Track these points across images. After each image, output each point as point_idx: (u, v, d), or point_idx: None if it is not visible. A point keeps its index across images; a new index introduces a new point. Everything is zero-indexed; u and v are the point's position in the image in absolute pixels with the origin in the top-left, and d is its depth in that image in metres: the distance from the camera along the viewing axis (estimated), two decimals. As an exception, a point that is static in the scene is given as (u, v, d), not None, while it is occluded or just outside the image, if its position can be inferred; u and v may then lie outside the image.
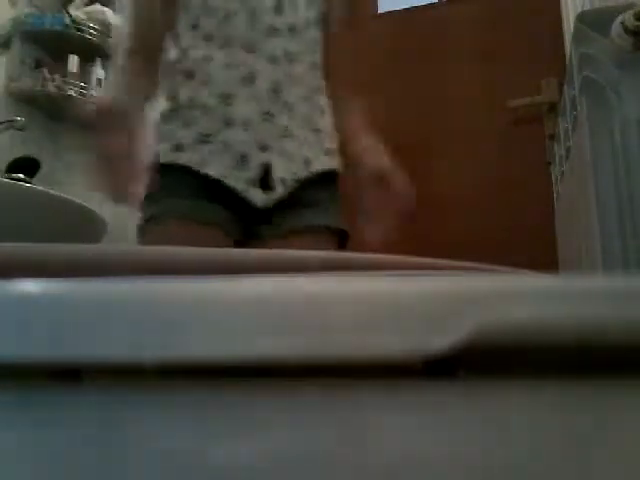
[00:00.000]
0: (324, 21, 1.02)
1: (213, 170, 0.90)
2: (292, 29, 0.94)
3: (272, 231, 0.93)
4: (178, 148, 0.93)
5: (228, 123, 0.91)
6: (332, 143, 1.00)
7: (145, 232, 0.92)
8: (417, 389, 0.17)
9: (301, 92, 0.95)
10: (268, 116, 0.92)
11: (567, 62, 1.13)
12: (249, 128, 0.91)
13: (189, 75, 0.94)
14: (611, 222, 0.88)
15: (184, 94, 0.95)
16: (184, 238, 0.86)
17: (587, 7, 1.30)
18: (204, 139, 0.91)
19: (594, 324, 0.17)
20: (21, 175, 1.67)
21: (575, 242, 1.11)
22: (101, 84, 2.15)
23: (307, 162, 0.95)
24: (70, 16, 2.08)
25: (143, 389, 0.18)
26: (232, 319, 0.17)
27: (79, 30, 2.10)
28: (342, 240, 0.99)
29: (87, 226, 1.47)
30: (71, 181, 2.12)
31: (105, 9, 2.18)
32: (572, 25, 1.08)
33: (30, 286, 0.19)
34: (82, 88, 2.10)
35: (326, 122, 0.99)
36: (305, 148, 0.95)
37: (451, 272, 0.26)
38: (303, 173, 0.94)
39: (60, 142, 2.20)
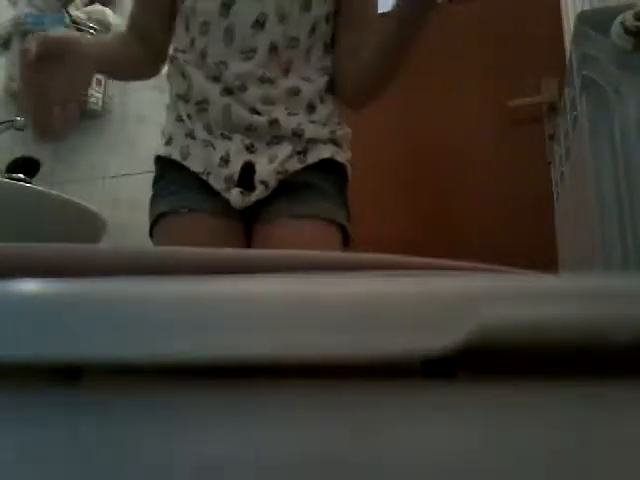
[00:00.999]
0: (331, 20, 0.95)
1: (195, 166, 0.91)
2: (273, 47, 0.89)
3: (263, 217, 0.91)
4: (169, 142, 0.95)
5: (208, 129, 0.90)
6: (333, 133, 0.95)
7: (156, 231, 0.92)
8: (417, 389, 0.17)
9: (290, 85, 0.90)
10: (255, 115, 0.88)
11: (567, 62, 1.13)
12: (231, 135, 0.89)
13: (180, 74, 0.94)
14: (611, 222, 0.88)
15: (176, 90, 0.95)
16: (193, 231, 0.89)
17: (587, 7, 1.30)
18: (190, 133, 0.92)
19: (594, 324, 0.17)
20: (21, 175, 1.67)
21: (575, 242, 1.11)
22: (101, 84, 2.15)
23: (302, 153, 0.91)
24: (70, 16, 2.08)
25: (143, 389, 0.18)
26: (232, 319, 0.17)
27: (79, 30, 2.10)
28: (343, 233, 0.94)
29: (87, 226, 1.47)
30: (71, 181, 2.13)
31: (105, 9, 2.18)
32: (572, 25, 1.08)
33: (30, 286, 0.19)
34: (82, 88, 2.09)
35: (326, 111, 0.95)
36: (300, 140, 0.90)
37: (451, 272, 0.26)
38: (295, 166, 0.90)
39: (60, 142, 2.20)
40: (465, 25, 1.86)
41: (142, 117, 2.12)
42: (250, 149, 0.89)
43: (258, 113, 0.88)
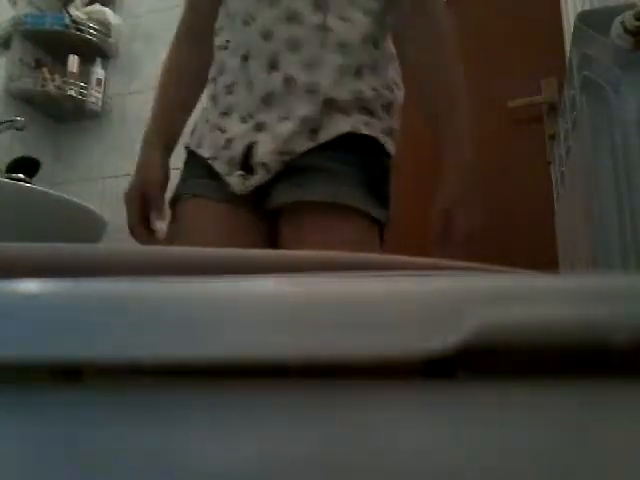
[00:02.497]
0: None
1: (206, 152, 0.87)
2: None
3: (269, 206, 0.83)
4: (193, 131, 0.93)
5: (227, 112, 0.86)
6: (361, 93, 0.82)
7: (170, 215, 0.93)
8: (417, 389, 0.17)
9: (306, 55, 0.81)
10: (265, 95, 0.82)
11: (567, 62, 1.12)
12: (245, 115, 0.84)
13: (215, 58, 0.91)
14: (611, 222, 0.88)
15: (211, 74, 0.92)
16: (195, 217, 0.87)
17: (587, 7, 1.30)
18: (207, 118, 0.90)
19: (594, 324, 0.17)
20: (21, 175, 1.67)
21: (575, 242, 1.11)
22: (101, 84, 2.16)
23: (314, 131, 0.80)
24: (70, 16, 2.08)
25: (143, 389, 0.18)
26: (232, 319, 0.17)
27: (79, 30, 2.10)
28: (374, 221, 0.81)
29: (87, 226, 1.47)
30: (71, 181, 2.13)
31: (105, 9, 2.18)
32: (572, 25, 1.08)
33: (30, 286, 0.19)
34: (82, 88, 2.10)
35: (365, 58, 0.83)
36: (312, 116, 0.80)
37: (451, 272, 0.26)
38: (304, 146, 0.80)
39: (60, 142, 2.20)
40: (465, 25, 1.86)
41: (142, 117, 2.12)
42: (259, 128, 0.81)
43: (275, 68, 0.81)
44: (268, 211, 0.83)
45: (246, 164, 0.82)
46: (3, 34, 2.02)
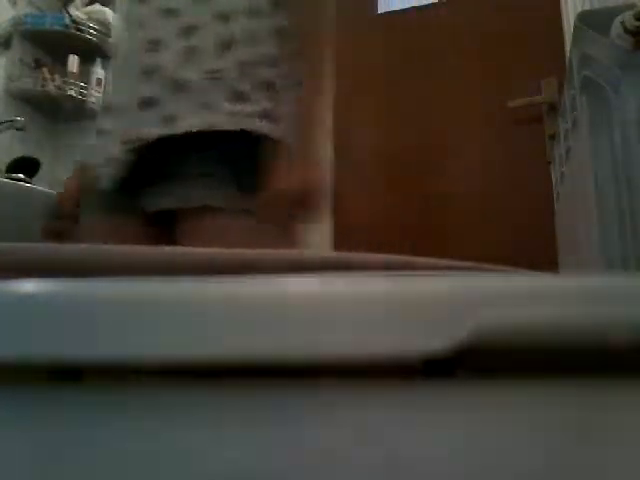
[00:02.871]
0: None
1: (95, 160, 0.83)
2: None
3: (146, 210, 0.78)
4: None
5: (108, 108, 0.84)
6: (216, 72, 0.75)
7: None
8: (417, 389, 0.17)
9: (150, 35, 0.78)
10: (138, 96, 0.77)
11: (567, 62, 1.12)
12: (124, 112, 0.79)
13: None
14: (611, 222, 0.88)
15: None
16: (83, 232, 0.85)
17: (587, 7, 1.30)
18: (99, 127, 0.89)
19: (594, 324, 0.17)
20: (21, 175, 1.67)
21: (575, 242, 1.11)
22: (101, 84, 2.15)
23: (164, 119, 0.74)
24: (70, 16, 2.08)
25: (143, 389, 0.18)
26: (232, 319, 0.17)
27: (79, 30, 2.10)
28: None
29: (87, 226, 1.47)
30: (71, 181, 2.12)
31: (105, 9, 2.18)
32: (572, 25, 1.08)
33: (30, 286, 0.19)
34: (82, 88, 2.10)
35: (227, 34, 0.77)
36: (153, 97, 0.75)
37: (451, 272, 0.26)
38: (153, 131, 0.73)
39: (60, 142, 2.20)
40: (465, 25, 1.86)
41: (142, 117, 2.12)
42: (129, 122, 0.78)
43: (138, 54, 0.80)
44: (151, 216, 0.78)
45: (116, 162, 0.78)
46: (3, 34, 2.02)
